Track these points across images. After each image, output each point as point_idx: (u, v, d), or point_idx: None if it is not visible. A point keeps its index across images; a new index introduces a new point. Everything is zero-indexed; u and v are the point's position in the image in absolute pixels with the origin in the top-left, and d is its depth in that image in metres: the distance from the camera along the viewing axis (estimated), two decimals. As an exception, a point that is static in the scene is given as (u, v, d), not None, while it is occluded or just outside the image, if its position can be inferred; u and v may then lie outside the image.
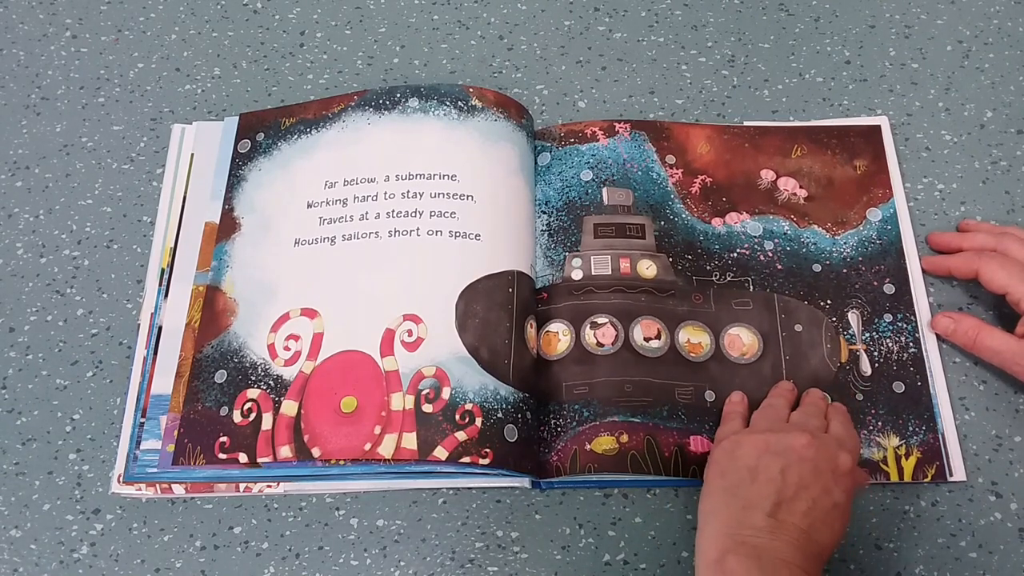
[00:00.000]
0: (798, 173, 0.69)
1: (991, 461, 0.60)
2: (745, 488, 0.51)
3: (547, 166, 0.68)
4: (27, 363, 0.64)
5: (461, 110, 0.68)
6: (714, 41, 0.77)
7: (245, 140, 0.70)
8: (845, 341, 0.62)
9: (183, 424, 0.59)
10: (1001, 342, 0.60)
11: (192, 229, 0.67)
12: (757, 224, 0.67)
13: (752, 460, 0.52)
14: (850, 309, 0.64)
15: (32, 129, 0.73)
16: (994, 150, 0.71)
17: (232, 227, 0.66)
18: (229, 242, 0.66)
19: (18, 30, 0.78)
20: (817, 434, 0.53)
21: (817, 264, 0.65)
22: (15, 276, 0.67)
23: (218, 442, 0.58)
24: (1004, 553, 0.57)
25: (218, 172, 0.69)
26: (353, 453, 0.57)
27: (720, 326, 0.63)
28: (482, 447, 0.56)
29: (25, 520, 0.59)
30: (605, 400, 0.59)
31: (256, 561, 0.57)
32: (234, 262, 0.65)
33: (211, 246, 0.66)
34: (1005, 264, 0.61)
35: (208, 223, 0.67)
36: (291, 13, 0.79)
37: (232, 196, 0.68)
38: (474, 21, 0.78)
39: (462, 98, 0.68)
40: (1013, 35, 0.77)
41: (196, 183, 0.69)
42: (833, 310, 0.64)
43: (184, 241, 0.67)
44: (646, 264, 0.64)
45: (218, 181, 0.68)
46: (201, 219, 0.67)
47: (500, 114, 0.68)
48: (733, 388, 0.60)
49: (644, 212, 0.66)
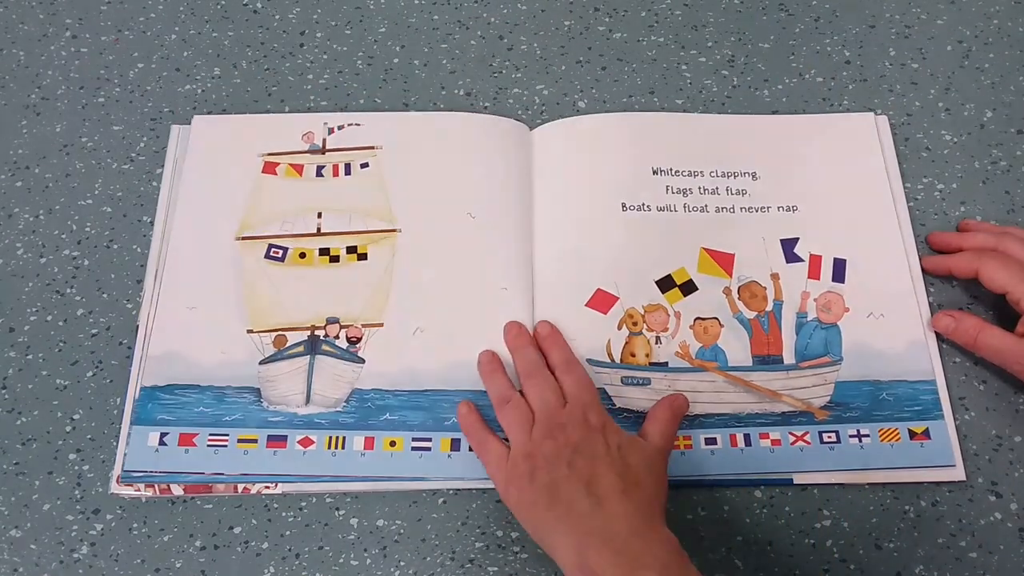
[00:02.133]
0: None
1: (991, 461, 0.60)
2: (555, 504, 0.52)
3: None
4: (27, 363, 0.64)
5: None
6: (714, 41, 0.77)
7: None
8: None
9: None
10: (1002, 341, 0.60)
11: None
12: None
13: (546, 477, 0.53)
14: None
15: (32, 129, 0.73)
16: (994, 150, 0.71)
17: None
18: None
19: (18, 30, 0.78)
20: (560, 420, 0.55)
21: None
22: (15, 276, 0.67)
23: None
24: (1004, 553, 0.57)
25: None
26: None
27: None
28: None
29: (25, 520, 0.59)
30: None
31: (256, 561, 0.57)
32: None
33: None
34: (1005, 264, 0.61)
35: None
36: (291, 13, 0.79)
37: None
38: (474, 21, 0.78)
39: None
40: (1013, 35, 0.77)
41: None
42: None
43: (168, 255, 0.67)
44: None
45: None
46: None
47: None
48: None
49: None
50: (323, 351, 0.62)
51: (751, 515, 0.58)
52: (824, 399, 0.61)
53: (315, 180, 0.69)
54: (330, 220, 0.67)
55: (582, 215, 0.67)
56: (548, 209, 0.67)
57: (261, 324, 0.63)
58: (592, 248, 0.65)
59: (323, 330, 0.63)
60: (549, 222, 0.67)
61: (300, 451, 0.59)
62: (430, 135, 0.71)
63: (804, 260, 0.66)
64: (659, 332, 0.63)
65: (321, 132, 0.71)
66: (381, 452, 0.59)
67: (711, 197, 0.68)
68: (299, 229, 0.67)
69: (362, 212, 0.67)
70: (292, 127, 0.71)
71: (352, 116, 0.72)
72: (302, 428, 0.60)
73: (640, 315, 0.63)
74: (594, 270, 0.65)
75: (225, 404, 0.60)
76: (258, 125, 0.72)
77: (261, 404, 0.61)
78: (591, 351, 0.62)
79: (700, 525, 0.58)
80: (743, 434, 0.60)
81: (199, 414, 0.60)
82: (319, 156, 0.70)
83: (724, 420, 0.60)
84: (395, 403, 0.61)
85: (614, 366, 0.62)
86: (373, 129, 0.71)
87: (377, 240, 0.66)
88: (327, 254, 0.66)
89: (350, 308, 0.64)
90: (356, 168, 0.69)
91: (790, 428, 0.60)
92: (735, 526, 0.58)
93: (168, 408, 0.60)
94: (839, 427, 0.60)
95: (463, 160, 0.69)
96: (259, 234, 0.67)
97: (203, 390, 0.61)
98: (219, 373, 0.61)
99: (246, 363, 0.62)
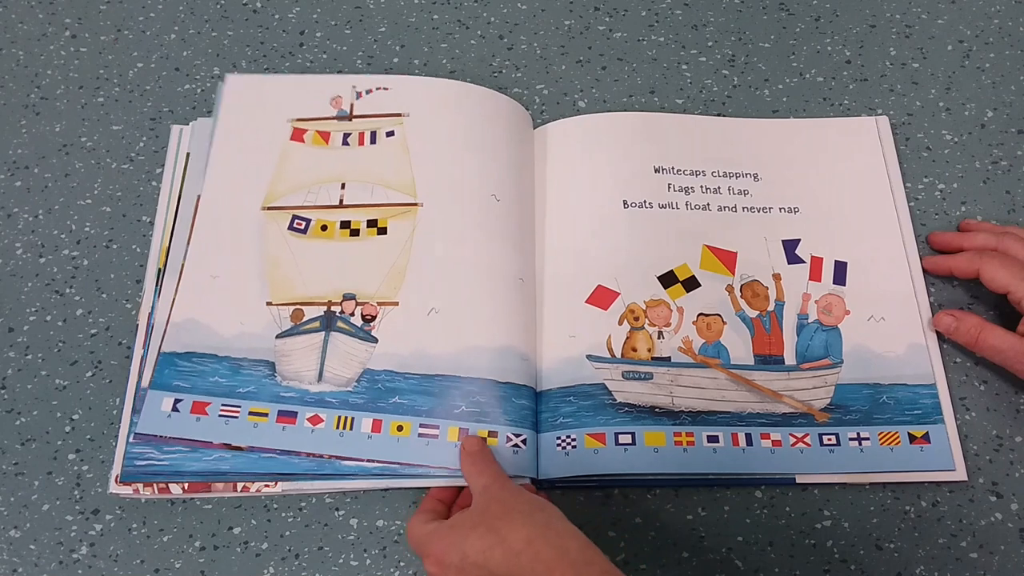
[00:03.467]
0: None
1: (992, 461, 0.60)
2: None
3: None
4: (26, 363, 0.64)
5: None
6: (714, 41, 0.77)
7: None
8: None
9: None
10: (1003, 341, 0.59)
11: (187, 230, 0.67)
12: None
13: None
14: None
15: (31, 129, 0.73)
16: (995, 150, 0.71)
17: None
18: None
19: (17, 30, 0.78)
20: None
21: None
22: (14, 276, 0.67)
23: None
24: (1005, 553, 0.57)
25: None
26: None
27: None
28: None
29: (24, 520, 0.59)
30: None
31: (256, 561, 0.57)
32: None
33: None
34: (1006, 263, 0.61)
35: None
36: (291, 13, 0.79)
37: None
38: (474, 21, 0.78)
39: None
40: (1014, 35, 0.77)
41: (192, 184, 0.69)
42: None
43: (179, 242, 0.67)
44: None
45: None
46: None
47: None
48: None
49: None
50: (338, 328, 0.62)
51: (751, 515, 0.58)
52: (824, 401, 0.61)
53: (341, 149, 0.69)
54: (353, 191, 0.67)
55: (583, 212, 0.67)
56: (550, 205, 0.67)
57: (280, 297, 0.63)
58: (593, 245, 0.65)
59: (339, 306, 0.63)
60: (551, 218, 0.67)
61: (309, 428, 0.59)
62: (457, 106, 0.70)
63: (805, 262, 0.66)
64: (661, 327, 0.63)
65: (349, 96, 0.71)
66: (388, 436, 0.59)
67: (713, 196, 0.68)
68: (322, 200, 0.67)
69: (385, 183, 0.67)
70: (321, 90, 0.71)
71: (381, 79, 0.72)
72: (312, 406, 0.60)
73: (642, 310, 0.63)
74: (595, 266, 0.65)
75: (240, 376, 0.60)
76: (288, 86, 0.72)
77: (275, 378, 0.61)
78: (591, 347, 0.62)
79: (700, 525, 0.58)
80: (745, 433, 0.60)
81: (214, 384, 0.60)
82: (346, 123, 0.70)
83: (726, 418, 0.60)
84: (405, 386, 0.60)
85: (615, 361, 0.61)
86: (401, 93, 0.71)
87: (398, 214, 0.66)
88: (348, 227, 0.66)
89: (367, 284, 0.64)
90: (382, 136, 0.69)
91: (791, 429, 0.60)
92: (735, 526, 0.58)
93: (184, 375, 0.60)
94: (839, 430, 0.60)
95: (490, 138, 0.69)
96: (284, 204, 0.67)
97: (220, 360, 0.61)
98: (237, 344, 0.61)
99: (263, 336, 0.62)
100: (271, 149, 0.69)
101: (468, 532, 0.49)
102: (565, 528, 0.49)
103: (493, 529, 0.48)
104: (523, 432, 0.59)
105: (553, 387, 0.61)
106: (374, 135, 0.69)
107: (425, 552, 0.51)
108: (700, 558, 0.57)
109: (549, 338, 0.63)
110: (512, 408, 0.60)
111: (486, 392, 0.60)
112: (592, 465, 0.58)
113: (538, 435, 0.60)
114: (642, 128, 0.71)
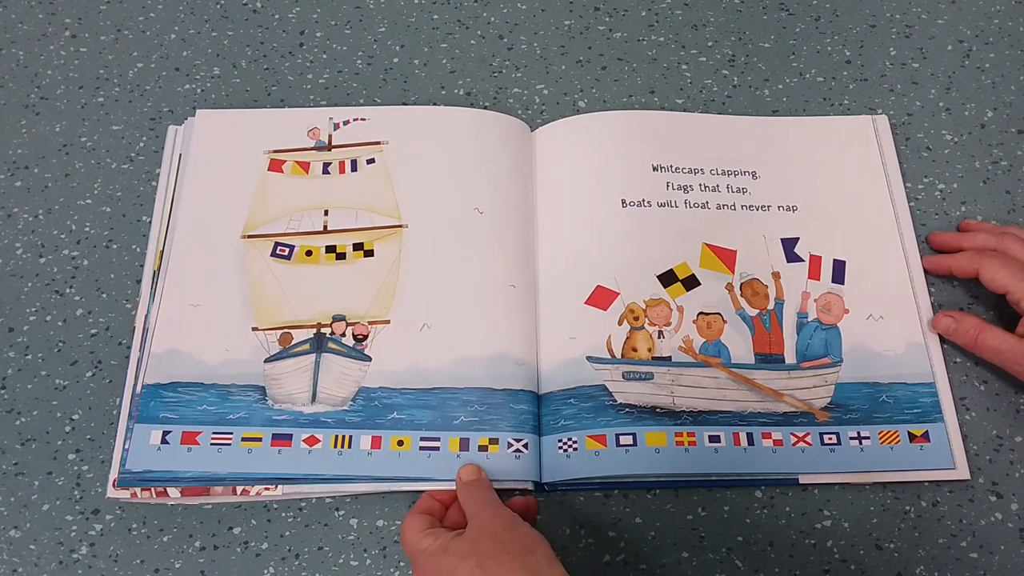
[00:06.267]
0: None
1: (992, 461, 0.60)
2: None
3: None
4: (26, 363, 0.64)
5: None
6: (714, 40, 0.77)
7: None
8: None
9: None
10: (1002, 341, 0.59)
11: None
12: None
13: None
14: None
15: (31, 129, 0.73)
16: (995, 150, 0.71)
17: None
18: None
19: (17, 30, 0.78)
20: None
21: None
22: (14, 276, 0.67)
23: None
24: (1005, 553, 0.57)
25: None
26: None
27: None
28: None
29: (24, 520, 0.59)
30: None
31: (256, 562, 0.57)
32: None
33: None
34: (1006, 264, 0.61)
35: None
36: (291, 12, 0.79)
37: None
38: (474, 21, 0.78)
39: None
40: (1013, 35, 0.77)
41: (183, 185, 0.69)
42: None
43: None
44: None
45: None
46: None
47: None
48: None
49: None
50: (329, 349, 0.62)
51: (751, 515, 0.58)
52: (825, 400, 0.61)
53: (321, 177, 0.69)
54: (337, 217, 0.67)
55: (581, 213, 0.67)
56: (548, 207, 0.67)
57: (266, 322, 0.63)
58: (591, 245, 0.65)
59: (329, 328, 0.63)
60: (549, 220, 0.67)
61: (305, 450, 0.59)
62: (436, 130, 0.71)
63: (804, 260, 0.66)
64: (661, 326, 0.63)
65: (327, 128, 0.71)
66: (388, 452, 0.59)
67: (712, 194, 0.68)
68: (305, 227, 0.67)
69: (369, 208, 0.67)
70: (297, 122, 0.71)
71: (357, 111, 0.72)
72: (308, 427, 0.60)
73: (641, 310, 0.63)
74: (593, 267, 0.65)
75: (229, 402, 0.60)
76: (262, 120, 0.72)
77: (266, 402, 0.60)
78: (591, 348, 0.62)
79: (700, 525, 0.58)
80: (746, 433, 0.60)
81: (203, 412, 0.60)
82: (325, 153, 0.70)
83: (727, 418, 0.60)
84: (403, 401, 0.60)
85: (615, 362, 0.61)
86: (379, 124, 0.71)
87: (384, 236, 0.66)
88: (333, 251, 0.66)
89: (357, 305, 0.64)
90: (362, 164, 0.69)
91: (792, 429, 0.60)
92: (735, 526, 0.58)
93: (171, 406, 0.60)
94: (839, 429, 0.60)
95: (469, 155, 0.69)
96: (265, 232, 0.66)
97: (207, 388, 0.61)
98: (224, 371, 0.61)
99: (251, 361, 0.62)
100: (248, 180, 0.68)
101: (458, 562, 0.49)
102: (553, 574, 0.48)
103: (482, 567, 0.48)
104: (524, 437, 0.59)
105: (554, 390, 0.61)
106: (355, 163, 0.69)
107: (415, 569, 0.51)
108: (700, 558, 0.57)
109: (549, 340, 0.63)
110: (511, 414, 0.60)
111: (484, 401, 0.60)
112: (593, 467, 0.58)
113: (540, 438, 0.60)
114: (640, 127, 0.71)
